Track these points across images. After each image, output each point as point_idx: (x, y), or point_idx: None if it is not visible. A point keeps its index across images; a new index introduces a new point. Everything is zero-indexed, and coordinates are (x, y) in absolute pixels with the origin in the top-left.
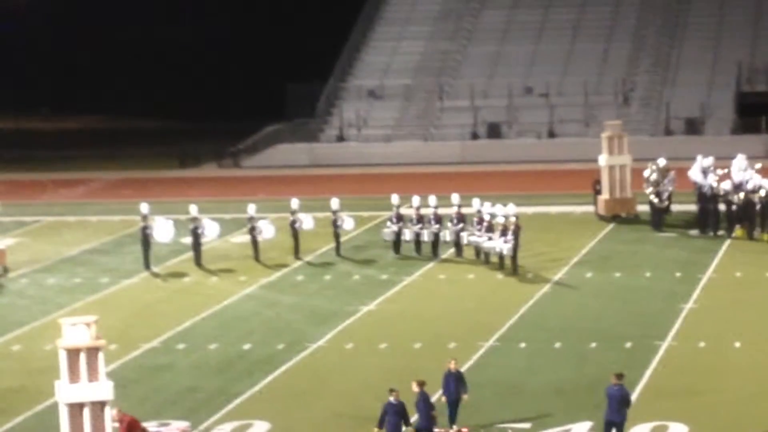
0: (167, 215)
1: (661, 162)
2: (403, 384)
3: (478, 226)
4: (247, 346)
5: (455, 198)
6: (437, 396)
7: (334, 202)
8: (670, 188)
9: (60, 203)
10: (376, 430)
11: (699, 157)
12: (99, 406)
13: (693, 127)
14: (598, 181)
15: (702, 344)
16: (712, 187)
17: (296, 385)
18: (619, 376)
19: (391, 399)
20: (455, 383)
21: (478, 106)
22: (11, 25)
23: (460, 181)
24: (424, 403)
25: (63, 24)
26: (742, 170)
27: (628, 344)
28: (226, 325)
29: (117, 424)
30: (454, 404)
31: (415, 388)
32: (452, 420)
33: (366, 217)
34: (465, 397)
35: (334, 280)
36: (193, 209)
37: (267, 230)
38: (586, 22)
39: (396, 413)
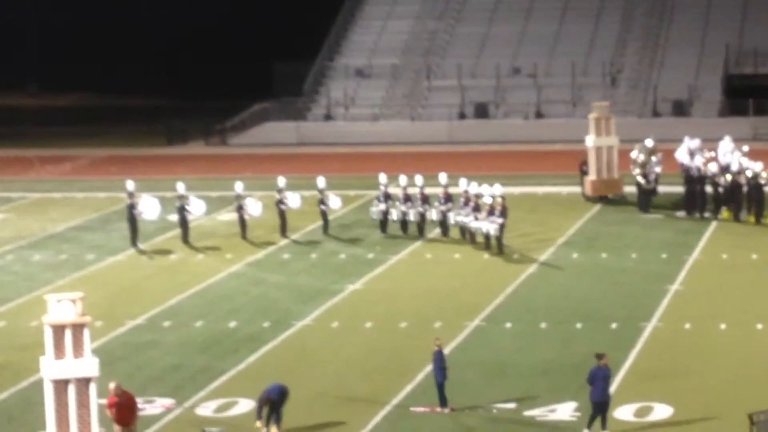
0: (154, 192)
1: (649, 143)
2: (390, 362)
3: (465, 206)
4: (232, 324)
5: (442, 178)
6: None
7: (321, 181)
8: (657, 170)
9: (46, 180)
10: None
11: (686, 139)
12: (84, 383)
13: (680, 108)
14: (584, 162)
15: (687, 326)
16: (699, 169)
17: (281, 363)
18: (603, 356)
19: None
20: (437, 363)
21: (466, 86)
22: None
23: (447, 161)
24: None
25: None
26: (729, 152)
27: (614, 325)
28: (212, 302)
29: (105, 401)
30: (438, 385)
31: None
32: (442, 401)
33: (353, 196)
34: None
35: (320, 258)
36: (180, 187)
37: (254, 208)
38: (575, 2)
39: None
